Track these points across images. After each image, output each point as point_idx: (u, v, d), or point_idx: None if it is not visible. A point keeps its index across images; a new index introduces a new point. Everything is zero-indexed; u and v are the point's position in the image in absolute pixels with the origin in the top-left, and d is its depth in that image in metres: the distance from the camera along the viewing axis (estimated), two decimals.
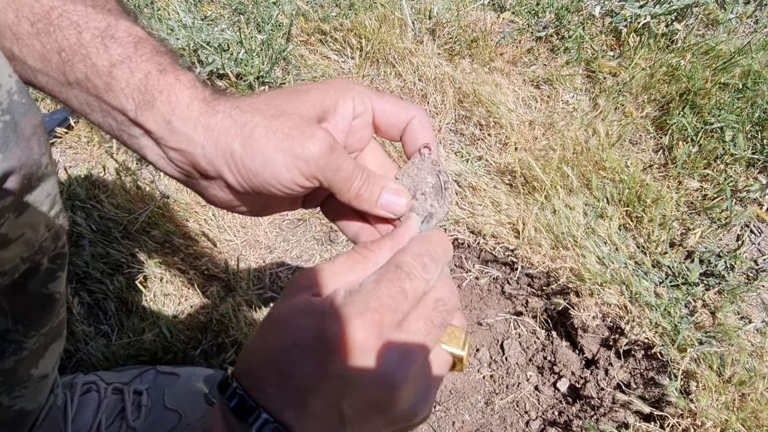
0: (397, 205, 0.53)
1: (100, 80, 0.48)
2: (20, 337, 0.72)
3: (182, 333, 1.19)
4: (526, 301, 1.32)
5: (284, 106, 0.49)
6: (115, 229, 1.33)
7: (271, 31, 1.70)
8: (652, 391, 1.12)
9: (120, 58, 0.48)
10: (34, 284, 0.68)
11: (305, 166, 0.48)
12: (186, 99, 0.49)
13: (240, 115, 0.48)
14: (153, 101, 0.48)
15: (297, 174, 0.48)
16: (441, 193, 0.54)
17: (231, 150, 0.48)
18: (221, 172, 0.50)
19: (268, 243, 1.39)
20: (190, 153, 0.49)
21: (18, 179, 0.51)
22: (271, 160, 0.47)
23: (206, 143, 0.48)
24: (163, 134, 0.49)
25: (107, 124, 0.52)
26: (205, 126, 0.48)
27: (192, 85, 0.50)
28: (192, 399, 1.02)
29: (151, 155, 0.52)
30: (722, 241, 1.34)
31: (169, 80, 0.49)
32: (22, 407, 0.81)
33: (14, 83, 0.49)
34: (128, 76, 0.48)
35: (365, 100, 0.54)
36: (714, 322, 1.16)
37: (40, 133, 0.53)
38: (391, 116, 0.55)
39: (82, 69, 0.48)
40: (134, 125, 0.50)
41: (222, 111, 0.49)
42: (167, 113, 0.48)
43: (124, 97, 0.49)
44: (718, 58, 1.59)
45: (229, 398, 0.43)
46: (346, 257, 0.47)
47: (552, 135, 1.50)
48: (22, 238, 0.57)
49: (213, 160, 0.49)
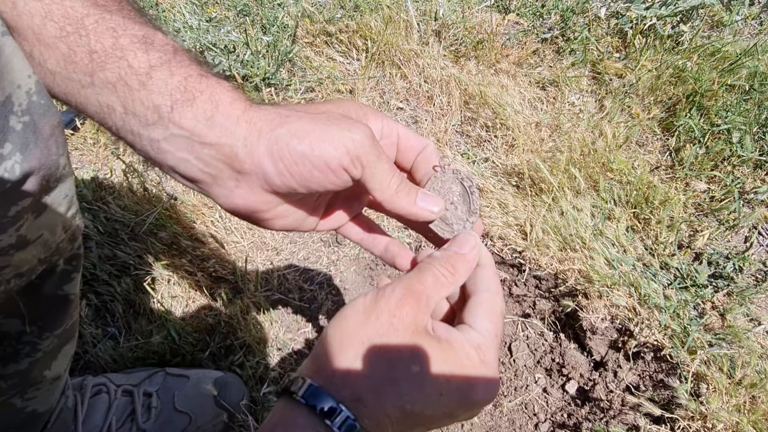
0: (433, 208, 0.56)
1: (136, 80, 0.48)
2: (35, 339, 0.72)
3: (190, 335, 1.19)
4: (534, 303, 1.32)
5: (323, 108, 0.53)
6: (122, 231, 1.32)
7: (276, 33, 1.70)
8: (662, 394, 1.12)
9: (159, 61, 0.49)
10: (50, 286, 0.68)
11: (353, 146, 0.49)
12: (228, 99, 0.49)
13: (284, 110, 0.51)
14: (193, 100, 0.49)
15: (344, 154, 0.49)
16: (469, 198, 0.56)
17: (276, 136, 0.49)
18: (261, 162, 0.49)
19: (275, 245, 1.39)
20: (229, 146, 0.49)
21: (37, 180, 0.51)
22: (319, 141, 0.48)
23: (249, 135, 0.49)
24: (201, 130, 0.49)
25: (127, 126, 0.50)
26: (248, 120, 0.49)
27: (233, 89, 0.51)
28: (202, 401, 1.02)
29: (172, 159, 0.51)
30: (730, 243, 1.33)
31: (211, 83, 0.50)
32: (34, 409, 0.81)
33: (33, 84, 0.49)
34: (167, 77, 0.48)
35: (392, 124, 0.57)
36: (723, 324, 1.16)
37: (58, 134, 0.53)
38: (411, 140, 0.58)
39: (116, 69, 0.48)
40: (161, 125, 0.49)
41: (265, 108, 0.51)
42: (209, 110, 0.49)
43: (160, 95, 0.48)
44: (724, 60, 1.59)
45: (342, 427, 0.44)
46: (434, 279, 0.51)
47: (559, 137, 1.50)
48: (40, 240, 0.57)
49: (254, 151, 0.49)
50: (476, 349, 0.48)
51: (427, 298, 0.49)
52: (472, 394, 0.47)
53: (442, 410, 0.46)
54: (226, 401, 1.04)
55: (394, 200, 0.53)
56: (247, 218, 0.56)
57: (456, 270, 0.52)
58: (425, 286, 0.49)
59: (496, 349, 0.50)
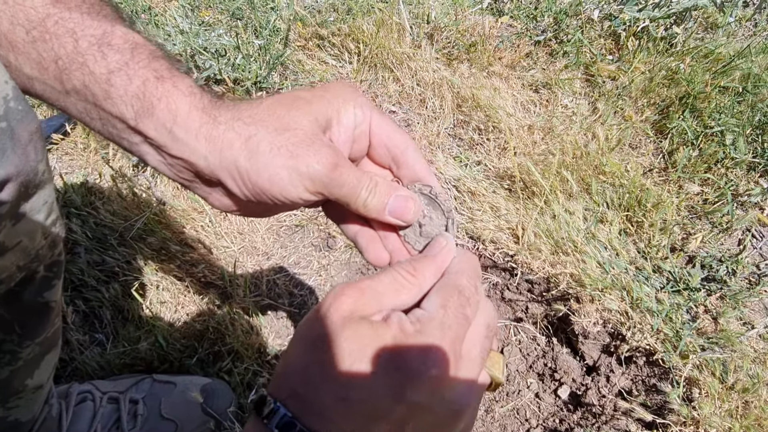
0: (407, 211, 0.53)
1: (99, 88, 0.48)
2: (15, 347, 0.71)
3: (178, 341, 1.18)
4: (526, 307, 1.31)
5: (287, 119, 0.49)
6: (111, 236, 1.31)
7: (268, 37, 1.69)
8: (655, 399, 1.11)
9: (117, 65, 0.48)
10: (30, 293, 0.67)
11: (310, 184, 0.48)
12: (185, 107, 0.48)
13: (243, 128, 0.48)
14: (152, 109, 0.48)
15: (302, 190, 0.49)
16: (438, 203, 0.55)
17: (236, 164, 0.48)
18: (225, 183, 0.50)
19: (265, 249, 1.38)
20: (193, 162, 0.49)
21: (15, 187, 0.50)
22: (278, 177, 0.48)
23: (209, 154, 0.48)
24: (165, 142, 0.49)
25: (107, 132, 0.51)
26: (207, 137, 0.48)
27: (190, 92, 0.49)
28: (188, 408, 1.01)
29: (153, 161, 0.52)
30: (723, 245, 1.33)
31: (167, 87, 0.48)
32: (16, 418, 0.80)
33: (10, 90, 0.49)
34: (126, 84, 0.48)
35: (365, 111, 0.54)
36: (716, 328, 1.15)
37: (36, 140, 0.52)
38: (386, 137, 0.55)
39: (80, 77, 0.48)
40: (134, 133, 0.50)
41: (224, 123, 0.49)
42: (168, 121, 0.48)
43: (123, 104, 0.48)
44: (717, 62, 1.59)
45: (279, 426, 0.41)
46: (392, 279, 0.47)
47: (551, 139, 1.49)
48: (19, 246, 0.56)
49: (216, 171, 0.49)
50: (414, 322, 0.44)
51: (375, 293, 0.45)
52: (407, 364, 0.42)
53: (384, 393, 0.41)
54: (214, 408, 1.03)
55: (364, 213, 0.53)
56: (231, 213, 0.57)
57: (418, 272, 0.48)
58: (377, 284, 0.46)
59: (441, 321, 0.44)
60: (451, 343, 0.43)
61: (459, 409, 0.44)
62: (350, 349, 0.42)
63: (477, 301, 0.47)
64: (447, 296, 0.46)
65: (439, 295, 0.46)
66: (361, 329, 0.43)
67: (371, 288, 0.46)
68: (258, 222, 1.40)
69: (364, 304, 0.45)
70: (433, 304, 0.46)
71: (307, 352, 0.44)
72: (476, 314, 0.47)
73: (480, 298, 0.48)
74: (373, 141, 0.55)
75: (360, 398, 0.41)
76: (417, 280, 0.47)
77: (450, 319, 0.44)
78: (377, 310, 0.45)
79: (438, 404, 0.42)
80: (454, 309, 0.45)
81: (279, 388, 0.44)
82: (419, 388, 0.41)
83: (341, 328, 0.43)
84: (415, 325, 0.43)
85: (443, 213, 0.54)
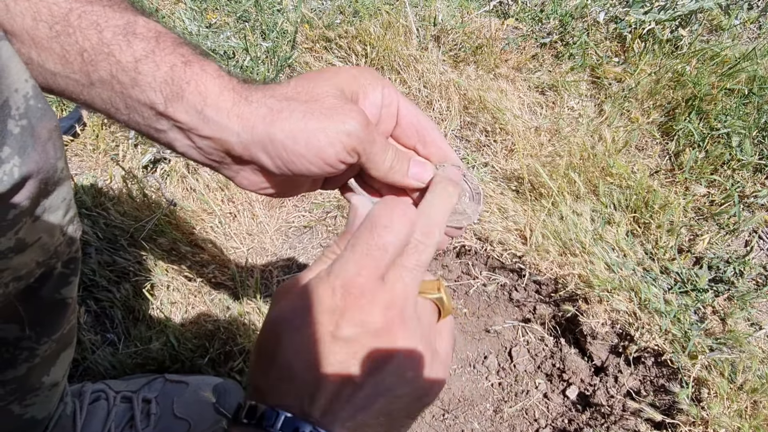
0: (424, 173, 0.56)
1: (126, 76, 0.49)
2: (33, 344, 0.72)
3: (189, 341, 1.19)
4: (534, 308, 1.32)
5: (316, 90, 0.51)
6: (122, 237, 1.32)
7: (276, 39, 1.70)
8: (663, 399, 1.12)
9: (144, 52, 0.49)
10: (48, 289, 0.68)
11: (348, 140, 0.49)
12: (216, 89, 0.49)
13: (275, 103, 0.50)
14: (182, 92, 0.49)
15: (341, 149, 0.50)
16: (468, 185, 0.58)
17: (270, 135, 0.49)
18: (258, 158, 0.51)
19: (274, 250, 1.39)
20: (225, 140, 0.50)
21: (35, 184, 0.51)
22: (315, 140, 0.49)
23: (242, 131, 0.50)
24: (196, 124, 0.50)
25: (134, 121, 0.52)
26: (239, 115, 0.49)
27: (219, 75, 0.50)
28: (201, 408, 1.02)
29: (181, 146, 0.53)
30: (731, 247, 1.33)
31: (195, 70, 0.49)
32: (33, 415, 0.81)
33: (30, 88, 0.49)
34: (154, 70, 0.49)
35: (393, 93, 0.56)
36: (724, 329, 1.16)
37: (55, 138, 0.53)
38: (414, 118, 0.57)
39: (107, 67, 0.49)
40: (163, 118, 0.51)
41: (256, 101, 0.50)
42: (198, 103, 0.49)
43: (152, 91, 0.49)
44: (723, 64, 1.59)
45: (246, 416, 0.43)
46: (318, 259, 0.48)
47: (558, 141, 1.50)
48: (39, 243, 0.57)
49: (249, 146, 0.50)
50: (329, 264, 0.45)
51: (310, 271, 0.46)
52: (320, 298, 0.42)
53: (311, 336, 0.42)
54: (225, 407, 1.03)
55: (389, 176, 0.55)
56: (257, 192, 0.58)
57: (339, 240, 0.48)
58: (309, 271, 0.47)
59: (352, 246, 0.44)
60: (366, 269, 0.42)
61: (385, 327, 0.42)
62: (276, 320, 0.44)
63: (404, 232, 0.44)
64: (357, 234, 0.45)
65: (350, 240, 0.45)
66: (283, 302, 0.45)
67: (303, 272, 0.48)
68: (266, 223, 1.41)
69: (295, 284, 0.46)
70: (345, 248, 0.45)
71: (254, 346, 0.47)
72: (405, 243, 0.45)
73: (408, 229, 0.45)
74: (402, 121, 0.58)
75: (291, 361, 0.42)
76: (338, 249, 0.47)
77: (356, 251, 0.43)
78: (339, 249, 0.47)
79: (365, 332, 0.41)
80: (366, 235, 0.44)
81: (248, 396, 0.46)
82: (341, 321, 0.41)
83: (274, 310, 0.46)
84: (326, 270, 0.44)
85: (471, 190, 0.58)
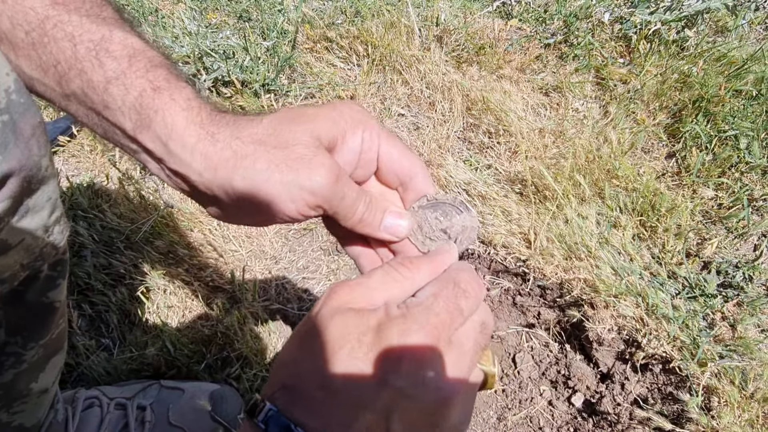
0: (399, 227, 0.53)
1: (97, 96, 0.47)
2: (19, 350, 0.70)
3: (186, 347, 1.16)
4: (538, 313, 1.29)
5: (287, 136, 0.48)
6: (118, 240, 1.30)
7: (276, 39, 1.68)
8: (672, 407, 1.09)
9: (114, 74, 0.47)
10: (34, 293, 0.66)
11: (312, 198, 0.47)
12: (182, 122, 0.47)
13: (240, 147, 0.47)
14: (149, 122, 0.47)
15: (303, 205, 0.48)
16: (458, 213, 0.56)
17: (231, 183, 0.47)
18: (220, 199, 0.49)
19: (273, 253, 1.36)
20: (187, 177, 0.49)
21: (18, 182, 0.49)
22: (275, 192, 0.47)
23: (204, 170, 0.47)
24: (162, 155, 0.48)
25: (110, 138, 0.51)
26: (203, 154, 0.47)
27: (188, 106, 0.48)
28: (197, 416, 0.99)
29: (153, 169, 0.51)
30: (739, 251, 1.30)
31: (164, 99, 0.47)
32: (21, 423, 0.79)
33: (12, 82, 0.47)
34: (123, 94, 0.47)
35: (373, 136, 0.52)
36: (734, 335, 1.13)
37: (39, 134, 0.51)
38: (395, 163, 0.54)
39: (79, 84, 0.47)
40: (133, 142, 0.49)
41: (222, 140, 0.47)
42: (164, 135, 0.47)
43: (122, 115, 0.47)
44: (730, 65, 1.57)
45: (264, 421, 0.41)
46: (384, 274, 0.46)
47: (563, 143, 1.47)
48: (22, 244, 0.54)
49: (211, 188, 0.48)
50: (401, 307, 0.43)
51: (367, 288, 0.45)
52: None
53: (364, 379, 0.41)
54: (222, 415, 1.01)
55: (359, 228, 0.52)
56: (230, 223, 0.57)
57: (413, 266, 0.47)
58: (369, 279, 0.46)
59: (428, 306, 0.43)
60: (434, 328, 0.42)
61: (446, 397, 0.41)
62: (334, 337, 0.42)
63: (477, 297, 0.45)
64: (441, 286, 0.45)
65: (433, 285, 0.46)
66: (347, 318, 0.43)
67: (363, 284, 0.45)
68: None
69: (354, 298, 0.44)
70: (425, 292, 0.45)
71: (296, 345, 0.44)
72: (474, 311, 0.46)
73: (480, 295, 0.46)
74: (382, 166, 0.54)
75: (341, 386, 0.41)
76: (410, 273, 0.47)
77: (439, 307, 0.43)
78: (368, 303, 0.45)
79: (421, 390, 0.41)
80: (445, 298, 0.44)
81: (270, 385, 0.44)
82: (398, 371, 0.40)
83: (329, 319, 0.43)
84: (401, 309, 0.43)
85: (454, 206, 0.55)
